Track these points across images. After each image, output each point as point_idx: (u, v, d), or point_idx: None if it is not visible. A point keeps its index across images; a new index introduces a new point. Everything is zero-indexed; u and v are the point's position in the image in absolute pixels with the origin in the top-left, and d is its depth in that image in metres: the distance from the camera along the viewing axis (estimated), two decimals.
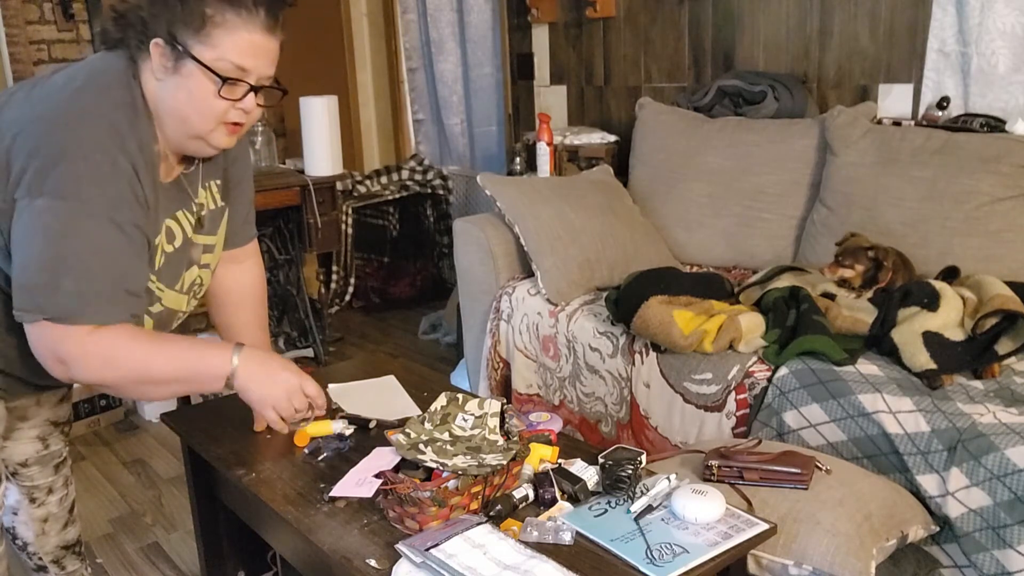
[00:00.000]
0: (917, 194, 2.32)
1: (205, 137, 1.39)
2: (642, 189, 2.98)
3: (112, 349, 1.32)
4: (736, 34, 3.05)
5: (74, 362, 1.30)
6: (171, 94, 1.35)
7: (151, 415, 3.25)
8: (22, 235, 1.28)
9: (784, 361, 1.99)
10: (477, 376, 2.79)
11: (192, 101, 1.34)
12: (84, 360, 1.31)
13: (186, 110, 1.35)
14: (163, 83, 1.35)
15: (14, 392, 1.53)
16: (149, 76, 1.35)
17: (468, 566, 1.19)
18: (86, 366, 1.31)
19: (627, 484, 1.39)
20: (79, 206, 1.27)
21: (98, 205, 1.28)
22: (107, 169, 1.29)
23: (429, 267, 4.63)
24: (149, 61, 1.34)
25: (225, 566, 1.93)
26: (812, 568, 1.44)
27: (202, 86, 1.33)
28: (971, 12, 2.42)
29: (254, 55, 1.35)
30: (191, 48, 1.31)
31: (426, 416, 1.53)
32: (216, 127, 1.38)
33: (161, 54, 1.33)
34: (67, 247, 1.27)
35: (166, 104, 1.36)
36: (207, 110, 1.35)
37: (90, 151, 1.28)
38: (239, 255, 1.74)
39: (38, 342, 1.31)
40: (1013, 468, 1.58)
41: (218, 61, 1.32)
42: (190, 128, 1.37)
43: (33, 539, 1.83)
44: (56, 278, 1.27)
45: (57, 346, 1.30)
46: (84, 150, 1.27)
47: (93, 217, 1.28)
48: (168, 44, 1.32)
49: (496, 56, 4.05)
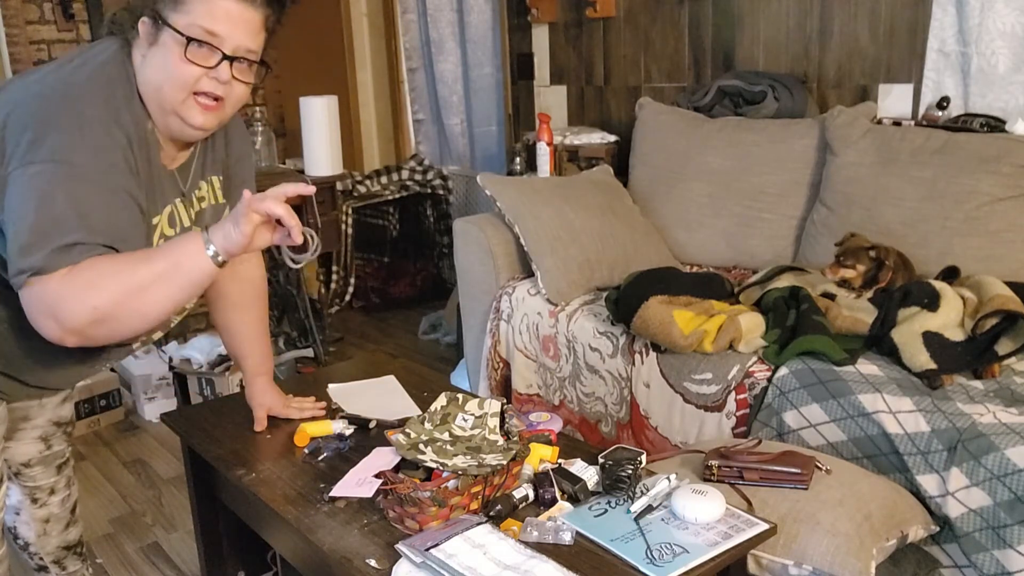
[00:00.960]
0: (917, 194, 2.32)
1: (178, 111, 1.36)
2: (642, 189, 2.98)
3: (89, 273, 1.24)
4: (736, 34, 3.05)
5: (60, 305, 1.23)
6: (149, 66, 1.35)
7: (151, 415, 3.25)
8: (15, 203, 1.25)
9: (784, 361, 1.99)
10: (477, 376, 2.79)
11: (165, 68, 1.33)
12: (67, 295, 1.23)
13: (160, 78, 1.34)
14: (145, 58, 1.35)
15: (17, 395, 1.53)
16: (139, 56, 1.36)
17: (468, 566, 1.19)
18: (71, 301, 1.23)
19: (627, 484, 1.39)
20: (72, 170, 1.25)
21: (92, 170, 1.27)
22: (101, 138, 1.28)
23: (429, 267, 4.63)
24: (139, 41, 1.36)
25: (225, 566, 1.93)
26: (812, 568, 1.44)
27: (173, 51, 1.32)
28: (971, 12, 2.42)
29: (227, 21, 1.32)
30: (168, 18, 1.32)
31: (426, 416, 1.53)
32: (187, 98, 1.35)
33: (147, 31, 1.34)
34: (59, 208, 1.24)
35: (146, 77, 1.36)
36: (177, 77, 1.33)
37: (84, 121, 1.27)
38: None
39: (30, 307, 1.25)
40: (1013, 468, 1.58)
41: (190, 27, 1.31)
42: (164, 99, 1.35)
43: (34, 539, 1.83)
44: (46, 238, 1.23)
45: (43, 296, 1.23)
46: (78, 120, 1.27)
47: (87, 181, 1.26)
48: (151, 19, 1.34)
49: (496, 56, 4.05)
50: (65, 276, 1.23)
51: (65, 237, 1.23)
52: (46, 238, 1.23)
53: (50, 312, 1.24)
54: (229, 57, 1.34)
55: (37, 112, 1.28)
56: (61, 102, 1.28)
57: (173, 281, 1.29)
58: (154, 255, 1.31)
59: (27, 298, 1.25)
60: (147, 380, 3.26)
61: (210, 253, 1.29)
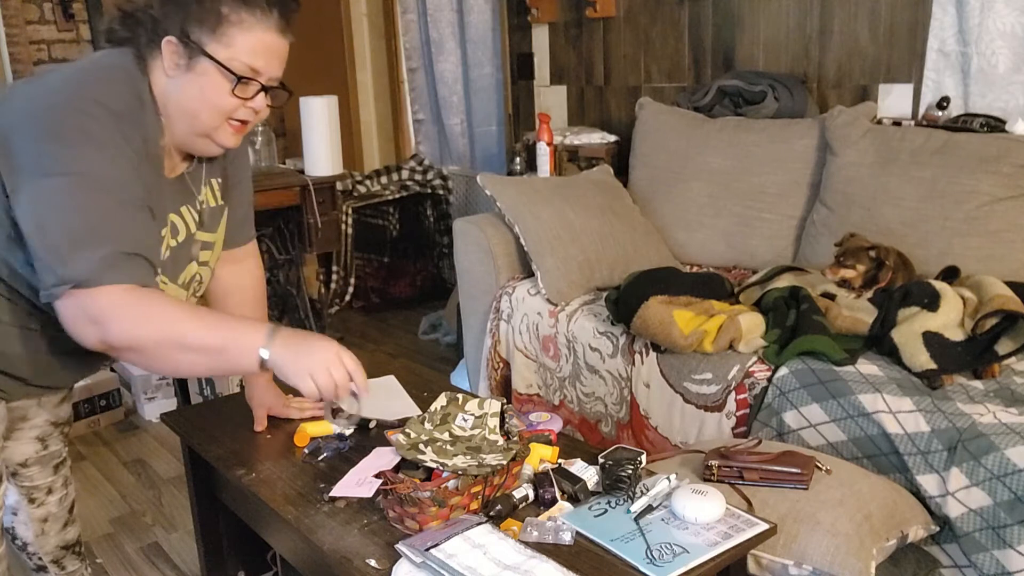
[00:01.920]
0: (917, 194, 2.32)
1: (211, 135, 1.40)
2: (642, 189, 2.98)
3: (147, 306, 1.28)
4: (736, 34, 3.05)
5: (107, 318, 1.25)
6: (182, 91, 1.36)
7: (151, 415, 3.25)
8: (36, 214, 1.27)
9: (784, 361, 1.99)
10: (477, 376, 2.79)
11: (204, 98, 1.36)
12: (118, 314, 1.26)
13: (196, 106, 1.37)
14: (174, 80, 1.36)
15: (16, 393, 1.53)
16: (159, 73, 1.36)
17: (468, 566, 1.19)
18: (120, 321, 1.26)
19: (627, 484, 1.39)
20: (90, 182, 1.27)
21: (108, 183, 1.28)
22: (113, 152, 1.29)
23: (429, 267, 4.63)
24: (159, 58, 1.35)
25: (225, 566, 1.93)
26: (812, 568, 1.44)
27: (216, 84, 1.35)
28: (971, 12, 2.42)
29: (267, 55, 1.36)
30: (205, 46, 1.33)
31: (426, 416, 1.53)
32: (222, 124, 1.40)
33: (174, 51, 1.34)
34: (83, 220, 1.26)
35: (176, 100, 1.37)
36: (218, 107, 1.37)
37: (99, 135, 1.28)
38: (238, 255, 1.74)
39: (67, 311, 1.27)
40: (1013, 468, 1.58)
41: (232, 60, 1.34)
42: (198, 125, 1.39)
43: (33, 539, 1.83)
44: (78, 249, 1.25)
45: (89, 306, 1.25)
46: (93, 134, 1.28)
47: (104, 192, 1.28)
48: (181, 42, 1.33)
49: (496, 56, 4.05)
50: (119, 295, 1.26)
51: (101, 249, 1.25)
52: (81, 250, 1.25)
53: (93, 320, 1.26)
54: (265, 88, 1.38)
55: (49, 124, 1.27)
56: (74, 115, 1.28)
57: (213, 359, 1.32)
58: (214, 325, 1.33)
59: (67, 307, 1.27)
60: (147, 380, 3.26)
61: (263, 356, 1.30)
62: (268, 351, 1.30)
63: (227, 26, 1.33)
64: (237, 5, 1.33)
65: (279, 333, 1.33)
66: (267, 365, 1.31)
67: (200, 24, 1.32)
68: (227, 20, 1.33)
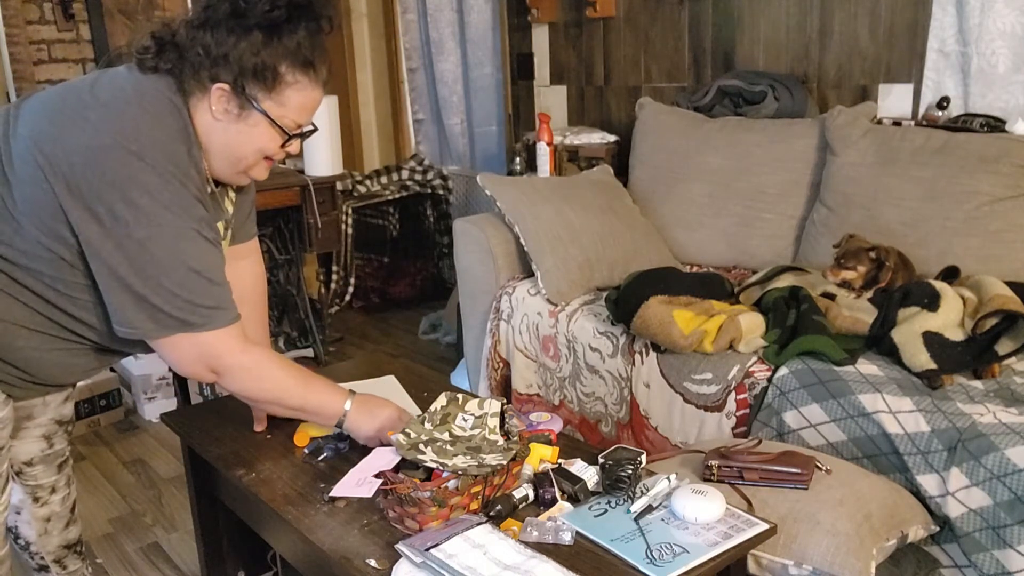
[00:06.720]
0: (917, 194, 2.32)
1: (248, 171, 1.49)
2: (642, 189, 2.98)
3: (265, 370, 1.48)
4: (736, 34, 3.05)
5: (229, 374, 1.44)
6: (230, 135, 1.42)
7: (151, 415, 3.25)
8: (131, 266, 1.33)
9: (784, 361, 1.99)
10: (477, 376, 2.79)
11: (251, 145, 1.44)
12: (239, 374, 1.45)
13: (243, 151, 1.44)
14: (221, 123, 1.40)
15: (29, 393, 1.55)
16: (204, 110, 1.40)
17: (468, 566, 1.19)
18: (240, 379, 1.46)
19: (627, 484, 1.39)
20: (174, 230, 1.34)
21: (189, 226, 1.36)
22: (183, 194, 1.36)
23: (429, 267, 4.63)
24: (205, 97, 1.39)
25: (225, 566, 1.93)
26: (812, 568, 1.44)
27: (265, 135, 1.43)
28: (971, 12, 2.42)
29: (312, 110, 1.47)
30: (260, 102, 1.39)
31: (426, 416, 1.53)
32: (259, 162, 1.48)
33: (226, 99, 1.38)
34: (178, 267, 1.35)
35: (220, 141, 1.42)
36: (262, 152, 1.46)
37: (166, 177, 1.33)
38: (240, 251, 1.75)
39: (182, 354, 1.40)
40: (1013, 468, 1.58)
41: (283, 118, 1.42)
42: (239, 165, 1.46)
43: (36, 538, 1.83)
44: (183, 294, 1.35)
45: (210, 358, 1.41)
46: (161, 178, 1.33)
47: (189, 238, 1.36)
48: (235, 92, 1.38)
49: (496, 56, 4.05)
50: (240, 355, 1.43)
51: (202, 294, 1.37)
52: (181, 295, 1.35)
53: (214, 371, 1.44)
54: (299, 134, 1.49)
55: (116, 168, 1.30)
56: (138, 159, 1.31)
57: (304, 412, 1.57)
58: (308, 393, 1.54)
59: (179, 348, 1.40)
60: (147, 380, 3.26)
61: (343, 422, 1.55)
62: (346, 420, 1.55)
63: (283, 87, 1.39)
64: (295, 67, 1.39)
65: (355, 401, 1.56)
66: (345, 423, 1.55)
67: (256, 79, 1.37)
68: (284, 81, 1.39)
